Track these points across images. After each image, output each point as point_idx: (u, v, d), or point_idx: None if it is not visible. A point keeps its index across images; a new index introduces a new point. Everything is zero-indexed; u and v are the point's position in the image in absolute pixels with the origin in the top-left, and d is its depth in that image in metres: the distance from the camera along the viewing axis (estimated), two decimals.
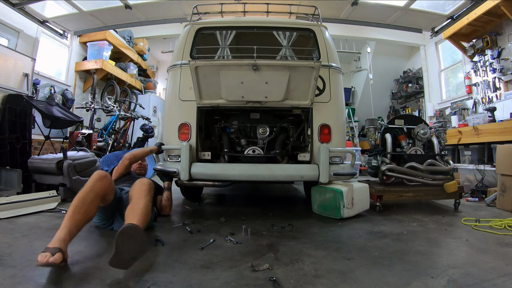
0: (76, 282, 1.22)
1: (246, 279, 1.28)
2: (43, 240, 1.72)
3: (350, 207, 2.36)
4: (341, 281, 1.27)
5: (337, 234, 1.99)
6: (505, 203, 2.82)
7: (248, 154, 2.57)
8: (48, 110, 3.54)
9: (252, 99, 2.39)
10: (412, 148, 2.93)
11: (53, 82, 5.01)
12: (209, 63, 2.26)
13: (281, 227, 2.02)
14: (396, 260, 1.51)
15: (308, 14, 3.42)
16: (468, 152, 4.49)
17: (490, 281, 1.28)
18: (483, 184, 3.46)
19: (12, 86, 3.74)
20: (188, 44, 2.65)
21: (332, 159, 2.43)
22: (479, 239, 1.88)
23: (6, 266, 1.34)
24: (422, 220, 2.37)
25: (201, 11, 3.33)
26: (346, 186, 2.38)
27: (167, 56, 6.27)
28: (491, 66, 4.72)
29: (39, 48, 4.74)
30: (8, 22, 4.18)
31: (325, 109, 2.53)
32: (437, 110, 6.39)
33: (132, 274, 1.30)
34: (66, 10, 4.89)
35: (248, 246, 1.71)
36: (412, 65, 7.51)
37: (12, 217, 2.18)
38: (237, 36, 2.92)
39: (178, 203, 2.96)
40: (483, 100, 4.97)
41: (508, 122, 3.78)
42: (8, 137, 3.19)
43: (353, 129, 7.32)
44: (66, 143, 4.04)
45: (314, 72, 2.18)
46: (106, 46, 5.70)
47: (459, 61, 5.90)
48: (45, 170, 2.99)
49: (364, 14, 4.54)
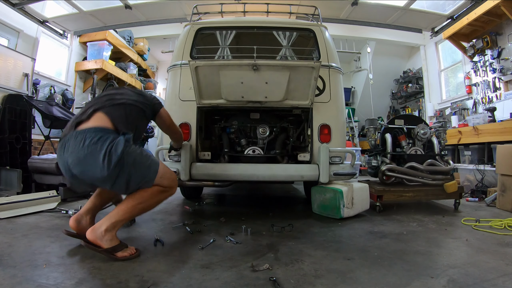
0: (76, 282, 1.22)
1: (246, 279, 1.28)
2: (43, 240, 1.73)
3: (350, 207, 2.36)
4: (341, 281, 1.27)
5: (337, 234, 1.99)
6: (505, 203, 2.82)
7: (248, 154, 2.57)
8: (48, 110, 3.55)
9: (252, 99, 2.39)
10: (412, 148, 2.93)
11: (53, 82, 5.01)
12: (209, 63, 2.26)
13: (281, 227, 2.02)
14: (396, 260, 1.51)
15: (308, 14, 3.42)
16: (468, 152, 4.49)
17: (490, 281, 1.28)
18: (483, 184, 3.46)
19: (12, 86, 3.74)
20: (188, 44, 2.65)
21: (332, 159, 2.42)
22: (479, 239, 1.88)
23: (6, 266, 1.34)
24: (422, 220, 2.37)
25: (201, 11, 3.33)
26: (346, 186, 2.39)
27: (167, 56, 6.27)
28: (491, 66, 4.72)
29: (39, 48, 4.74)
30: (8, 22, 4.18)
31: (325, 109, 2.53)
32: (437, 110, 6.39)
33: (132, 274, 1.30)
34: (66, 10, 4.89)
35: (248, 246, 1.71)
36: (412, 65, 7.51)
37: (12, 217, 2.18)
38: (237, 36, 2.92)
39: (178, 203, 2.96)
40: (483, 100, 4.97)
41: (508, 122, 3.78)
42: (8, 137, 3.20)
43: (353, 129, 7.32)
44: None
45: (314, 72, 2.18)
46: (106, 46, 5.70)
47: (459, 61, 5.90)
48: (45, 170, 3.00)
49: (364, 14, 4.54)
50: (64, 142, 1.52)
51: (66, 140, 1.51)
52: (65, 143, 1.51)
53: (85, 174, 1.49)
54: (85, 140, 1.45)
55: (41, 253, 1.51)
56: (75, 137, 1.48)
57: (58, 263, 1.40)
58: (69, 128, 1.56)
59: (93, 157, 1.43)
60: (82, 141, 1.45)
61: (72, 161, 1.47)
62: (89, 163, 1.44)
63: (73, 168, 1.48)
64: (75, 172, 1.50)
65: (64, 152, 1.50)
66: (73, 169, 1.49)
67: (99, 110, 1.59)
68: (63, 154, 1.50)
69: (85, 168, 1.47)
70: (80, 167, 1.47)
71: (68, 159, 1.48)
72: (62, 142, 1.53)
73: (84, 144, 1.44)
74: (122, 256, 1.45)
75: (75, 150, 1.46)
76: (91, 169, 1.45)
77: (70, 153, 1.47)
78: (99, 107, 1.60)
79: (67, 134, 1.53)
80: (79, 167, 1.47)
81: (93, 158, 1.43)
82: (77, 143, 1.46)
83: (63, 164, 1.52)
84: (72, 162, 1.47)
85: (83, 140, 1.45)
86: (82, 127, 1.52)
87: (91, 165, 1.44)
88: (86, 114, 1.58)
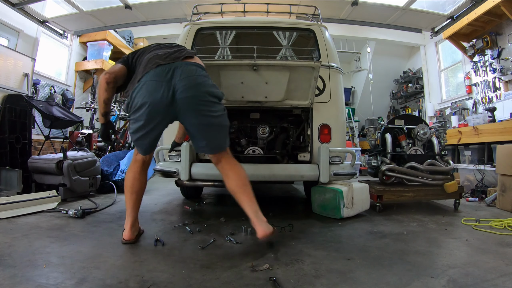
0: (76, 281, 1.22)
1: (246, 279, 1.28)
2: (43, 240, 1.73)
3: (350, 207, 2.36)
4: (341, 281, 1.27)
5: (337, 234, 1.99)
6: (505, 203, 2.82)
7: (248, 154, 2.57)
8: (48, 110, 3.54)
9: (252, 99, 2.39)
10: (412, 148, 2.93)
11: (53, 82, 5.01)
12: (209, 63, 2.26)
13: (281, 227, 2.02)
14: (396, 260, 1.51)
15: (308, 14, 3.42)
16: (468, 152, 4.49)
17: (490, 281, 1.28)
18: (483, 184, 3.46)
19: (12, 86, 3.75)
20: (188, 44, 2.65)
21: (332, 159, 2.42)
22: (479, 239, 1.88)
23: (6, 266, 1.34)
24: (422, 220, 2.37)
25: (201, 11, 3.33)
26: (346, 186, 2.39)
27: None
28: (491, 66, 4.72)
29: (39, 48, 4.75)
30: (8, 22, 4.18)
31: (325, 109, 2.52)
32: (437, 110, 6.39)
33: (132, 274, 1.30)
34: (66, 10, 4.90)
35: (248, 246, 1.72)
36: (412, 65, 7.51)
37: (12, 217, 2.18)
38: (237, 36, 2.92)
39: (178, 203, 2.96)
40: (483, 100, 4.97)
41: (508, 122, 3.78)
42: (8, 137, 3.19)
43: (353, 129, 7.32)
44: (66, 143, 4.04)
45: (314, 72, 2.18)
46: (106, 46, 5.71)
47: (459, 61, 5.90)
48: (45, 170, 2.99)
49: (364, 14, 4.55)
50: (167, 69, 1.62)
51: (171, 68, 1.62)
52: (171, 70, 1.62)
53: (194, 98, 1.63)
54: (198, 71, 1.67)
55: (41, 253, 1.51)
56: (186, 65, 1.65)
57: (58, 263, 1.40)
58: (172, 59, 1.66)
59: (206, 85, 1.67)
60: (197, 70, 1.66)
61: (185, 84, 1.60)
62: (201, 90, 1.64)
63: (183, 91, 1.60)
64: (182, 96, 1.60)
65: (172, 78, 1.60)
66: (182, 93, 1.60)
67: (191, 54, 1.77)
68: (171, 80, 1.60)
69: (196, 93, 1.63)
70: (192, 91, 1.62)
71: (178, 83, 1.60)
72: (164, 70, 1.62)
73: (199, 74, 1.66)
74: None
75: (190, 75, 1.63)
76: (202, 93, 1.64)
77: (183, 78, 1.61)
78: (189, 53, 1.76)
79: (170, 63, 1.64)
80: (192, 91, 1.62)
81: (205, 87, 1.66)
82: (192, 71, 1.64)
83: (166, 89, 1.59)
84: (184, 85, 1.60)
85: (197, 70, 1.67)
86: (190, 61, 1.71)
87: (203, 88, 1.65)
88: (182, 54, 1.71)
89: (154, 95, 1.59)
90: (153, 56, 1.71)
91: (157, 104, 1.59)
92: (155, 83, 1.60)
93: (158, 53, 1.73)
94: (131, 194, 1.74)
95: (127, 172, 1.79)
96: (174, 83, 1.60)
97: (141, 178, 1.78)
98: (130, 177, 1.76)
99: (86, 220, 2.21)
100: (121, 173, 3.56)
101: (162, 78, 1.60)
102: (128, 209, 1.75)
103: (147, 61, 1.70)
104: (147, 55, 1.76)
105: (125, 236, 1.71)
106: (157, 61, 1.65)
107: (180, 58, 1.68)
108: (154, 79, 1.61)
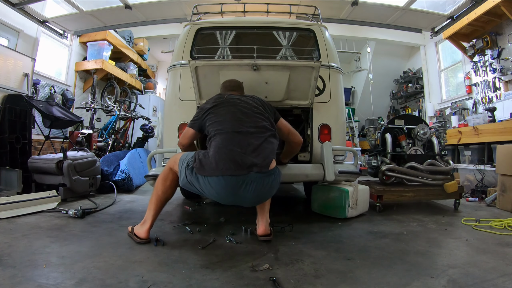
0: (76, 281, 1.22)
1: (246, 279, 1.28)
2: (43, 240, 1.73)
3: (354, 207, 2.36)
4: (341, 281, 1.27)
5: (337, 234, 1.99)
6: (505, 203, 2.82)
7: None
8: (48, 110, 3.54)
9: None
10: (412, 148, 2.92)
11: (53, 82, 5.01)
12: (209, 63, 2.26)
13: (281, 227, 2.02)
14: (396, 260, 1.51)
15: (308, 14, 3.42)
16: (468, 152, 4.49)
17: (490, 281, 1.28)
18: (483, 184, 3.46)
19: (12, 86, 3.74)
20: (188, 44, 2.65)
21: (335, 157, 2.42)
22: (479, 239, 1.88)
23: (6, 266, 1.34)
24: (422, 220, 2.37)
25: (201, 11, 3.33)
26: (352, 186, 2.39)
27: (167, 56, 6.26)
28: (491, 66, 4.72)
29: (39, 48, 4.74)
30: (8, 22, 4.18)
31: (325, 109, 2.52)
32: (437, 110, 6.39)
33: (132, 274, 1.30)
34: (66, 10, 4.89)
35: (248, 246, 1.72)
36: (412, 65, 7.51)
37: (12, 217, 2.18)
38: (237, 36, 2.92)
39: (178, 203, 2.96)
40: (483, 100, 4.97)
41: (508, 122, 3.78)
42: (8, 137, 3.19)
43: (353, 129, 7.31)
44: (66, 143, 4.04)
45: (314, 72, 2.18)
46: (106, 46, 5.70)
47: (459, 61, 5.90)
48: (45, 170, 2.99)
49: (364, 14, 4.54)
50: (241, 182, 1.59)
51: (245, 180, 1.59)
52: (245, 184, 1.60)
53: (252, 201, 1.72)
54: (273, 182, 1.68)
55: (41, 253, 1.51)
56: (262, 179, 1.63)
57: (58, 263, 1.40)
58: (246, 169, 1.59)
59: (272, 191, 1.73)
60: (269, 183, 1.66)
61: (253, 196, 1.65)
62: (265, 197, 1.75)
63: (249, 200, 1.68)
64: (245, 200, 1.68)
65: (243, 191, 1.61)
66: (247, 201, 1.69)
67: (271, 137, 1.76)
68: (239, 192, 1.61)
69: (260, 199, 1.75)
70: (257, 199, 1.72)
71: (247, 195, 1.63)
72: (238, 181, 1.59)
73: (271, 186, 1.68)
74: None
75: (261, 191, 1.65)
76: (264, 198, 1.75)
77: (253, 191, 1.62)
78: (271, 134, 1.77)
79: (244, 175, 1.59)
80: (257, 199, 1.72)
81: (271, 193, 1.74)
82: (265, 186, 1.65)
83: (234, 197, 1.65)
84: (252, 196, 1.64)
85: (271, 182, 1.67)
86: (266, 171, 1.65)
87: (266, 195, 1.74)
88: (258, 154, 1.64)
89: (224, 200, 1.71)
90: (228, 142, 1.65)
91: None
92: (226, 192, 1.63)
93: (234, 134, 1.68)
94: (162, 201, 1.81)
95: (163, 179, 1.80)
96: (243, 194, 1.63)
97: (174, 187, 1.84)
98: (167, 184, 1.79)
99: (86, 220, 2.21)
100: (121, 173, 3.56)
101: (235, 190, 1.62)
102: (151, 211, 1.77)
103: (221, 144, 1.65)
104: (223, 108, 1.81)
105: (142, 235, 1.73)
106: (230, 166, 1.58)
107: (253, 169, 1.60)
108: (225, 190, 1.62)
